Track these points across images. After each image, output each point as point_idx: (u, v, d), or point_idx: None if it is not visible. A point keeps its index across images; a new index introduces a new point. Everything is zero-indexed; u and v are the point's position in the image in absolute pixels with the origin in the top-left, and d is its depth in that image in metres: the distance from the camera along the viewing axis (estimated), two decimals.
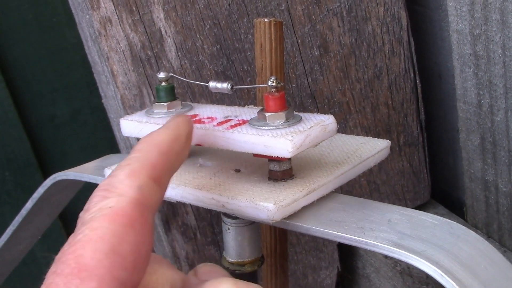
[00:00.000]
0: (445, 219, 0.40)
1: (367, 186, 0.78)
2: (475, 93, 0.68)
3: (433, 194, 0.84)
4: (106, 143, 1.05)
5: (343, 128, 0.74)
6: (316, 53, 0.71)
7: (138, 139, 0.67)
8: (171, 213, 0.69)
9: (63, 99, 1.01)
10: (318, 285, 0.82)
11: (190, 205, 0.70)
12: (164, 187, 0.37)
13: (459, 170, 0.80)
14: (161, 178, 0.36)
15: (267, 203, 0.41)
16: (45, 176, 0.61)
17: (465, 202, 0.77)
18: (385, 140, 0.50)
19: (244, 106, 0.51)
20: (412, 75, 0.77)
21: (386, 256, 0.75)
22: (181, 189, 0.45)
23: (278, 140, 0.41)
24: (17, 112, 0.97)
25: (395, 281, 0.74)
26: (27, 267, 1.04)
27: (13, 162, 0.98)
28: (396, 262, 0.74)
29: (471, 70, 0.68)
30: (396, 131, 0.78)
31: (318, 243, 0.79)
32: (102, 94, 0.79)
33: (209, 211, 0.71)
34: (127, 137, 0.73)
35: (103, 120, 1.01)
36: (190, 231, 0.71)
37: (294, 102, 0.71)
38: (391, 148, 0.51)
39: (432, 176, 0.83)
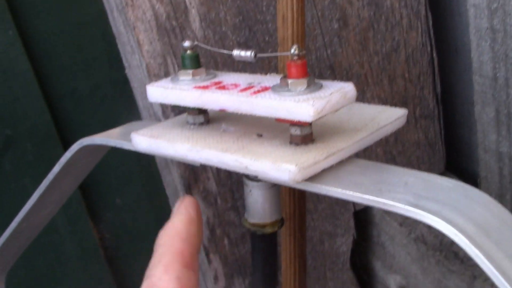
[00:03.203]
0: (460, 182, 0.41)
1: (383, 156, 0.79)
2: (491, 67, 0.69)
3: (447, 166, 0.85)
4: (126, 116, 1.07)
5: (361, 99, 0.76)
6: (336, 26, 0.73)
7: (162, 105, 0.69)
8: (193, 178, 0.71)
9: (84, 72, 1.02)
10: (334, 252, 0.84)
11: (211, 171, 0.73)
12: (196, 269, 0.40)
13: (473, 142, 0.81)
14: (191, 263, 0.40)
15: (289, 165, 0.42)
16: (66, 148, 0.63)
17: (479, 173, 0.78)
18: (402, 108, 0.52)
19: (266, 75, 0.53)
20: (429, 48, 0.78)
21: (400, 224, 0.77)
22: (205, 152, 0.47)
23: (300, 105, 0.42)
24: (38, 85, 0.98)
25: (409, 249, 0.75)
26: (48, 236, 1.06)
27: (35, 134, 1.00)
28: (410, 230, 0.75)
29: (488, 44, 0.69)
30: (412, 103, 0.79)
31: (334, 211, 0.81)
32: (126, 64, 0.80)
33: (229, 177, 0.73)
34: (151, 106, 0.74)
35: (123, 94, 1.03)
36: (211, 197, 0.73)
37: (313, 73, 0.73)
38: (407, 120, 0.52)
39: (447, 148, 0.84)
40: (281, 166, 0.43)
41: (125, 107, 1.05)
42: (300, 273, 0.66)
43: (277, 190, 0.51)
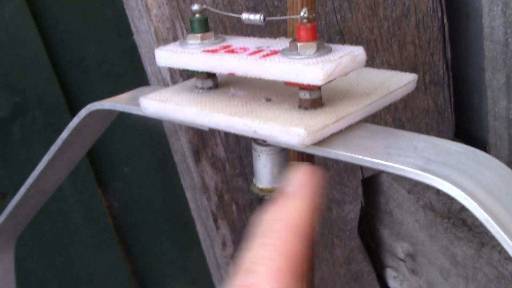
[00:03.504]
0: (469, 147, 0.41)
1: (392, 123, 0.79)
2: (503, 32, 0.69)
3: (456, 133, 0.85)
4: (134, 84, 1.06)
5: (370, 65, 0.75)
6: None
7: (170, 70, 0.69)
8: (201, 144, 0.71)
9: (92, 40, 1.02)
10: (342, 219, 0.84)
11: (220, 137, 0.73)
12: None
13: (483, 109, 0.80)
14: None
15: (298, 128, 0.42)
16: (74, 116, 0.63)
17: (489, 140, 0.78)
18: (412, 73, 0.51)
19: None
20: (439, 14, 0.77)
21: (409, 192, 0.77)
22: (214, 116, 0.47)
23: (309, 68, 0.42)
24: (46, 52, 0.98)
25: (417, 216, 0.75)
26: (57, 204, 1.07)
27: (43, 102, 1.00)
28: (418, 197, 0.75)
29: (499, 8, 0.68)
30: (422, 69, 0.79)
31: (342, 178, 0.81)
32: (134, 30, 0.80)
33: (238, 143, 0.73)
34: (159, 71, 0.74)
35: (131, 62, 1.03)
36: (219, 163, 0.73)
37: (323, 39, 0.72)
38: (417, 87, 0.52)
39: (456, 115, 0.84)
40: (290, 129, 0.43)
41: (134, 75, 1.05)
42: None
43: (286, 154, 0.51)
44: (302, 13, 0.44)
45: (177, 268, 1.22)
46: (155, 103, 0.51)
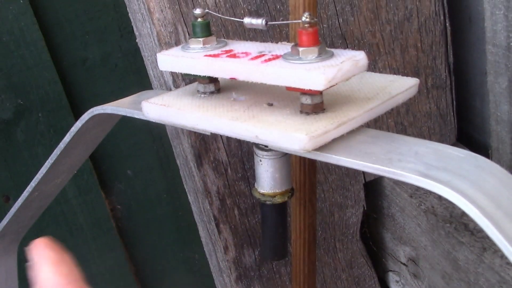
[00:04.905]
0: (471, 152, 0.41)
1: (394, 127, 0.79)
2: (505, 36, 0.68)
3: (459, 137, 0.85)
4: (137, 86, 1.07)
5: (372, 69, 0.75)
6: None
7: (172, 74, 0.69)
8: (203, 148, 0.71)
9: (95, 42, 1.02)
10: (344, 223, 0.84)
11: (222, 141, 0.73)
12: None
13: (485, 113, 0.80)
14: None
15: (299, 134, 0.42)
16: (77, 118, 0.62)
17: (491, 144, 0.78)
18: (414, 78, 0.51)
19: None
20: (442, 17, 0.77)
21: (411, 196, 0.77)
22: (216, 120, 0.47)
23: (311, 73, 0.42)
24: (50, 54, 0.98)
25: (419, 220, 0.75)
26: (59, 207, 1.07)
27: (46, 104, 1.00)
28: (420, 201, 0.75)
29: (502, 12, 0.68)
30: (424, 73, 0.79)
31: (344, 182, 0.81)
32: (137, 33, 0.80)
33: (240, 148, 0.73)
34: (162, 75, 0.74)
35: (134, 64, 1.03)
36: (222, 167, 0.73)
37: (325, 43, 0.72)
38: (419, 90, 0.52)
39: (458, 119, 0.84)
40: (292, 135, 0.43)
41: (137, 77, 1.05)
42: (310, 244, 0.66)
43: (288, 159, 0.51)
44: (303, 18, 0.44)
45: (180, 270, 1.22)
46: (157, 108, 0.51)
